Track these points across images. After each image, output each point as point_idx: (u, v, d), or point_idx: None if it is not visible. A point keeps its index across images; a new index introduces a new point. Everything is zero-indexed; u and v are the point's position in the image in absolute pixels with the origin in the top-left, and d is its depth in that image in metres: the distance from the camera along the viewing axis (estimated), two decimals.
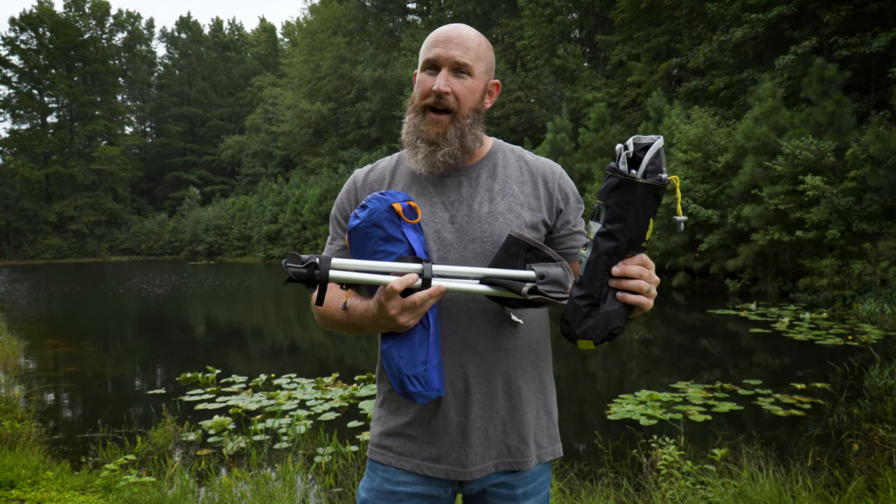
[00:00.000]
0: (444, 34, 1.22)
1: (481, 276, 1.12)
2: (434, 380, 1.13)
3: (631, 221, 1.00)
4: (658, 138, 0.99)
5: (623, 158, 1.00)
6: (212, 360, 7.56)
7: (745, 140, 12.89)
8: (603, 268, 1.03)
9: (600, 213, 1.03)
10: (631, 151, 1.00)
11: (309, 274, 1.04)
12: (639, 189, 0.98)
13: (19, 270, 36.72)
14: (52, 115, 57.47)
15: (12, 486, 3.36)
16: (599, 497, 3.07)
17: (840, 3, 14.54)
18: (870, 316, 9.02)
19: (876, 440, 3.97)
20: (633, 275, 1.03)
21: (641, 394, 5.50)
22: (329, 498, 3.46)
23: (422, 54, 1.24)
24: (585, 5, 26.22)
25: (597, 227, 1.03)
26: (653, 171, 0.99)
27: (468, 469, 1.21)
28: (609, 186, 1.01)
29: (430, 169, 1.23)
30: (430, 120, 1.21)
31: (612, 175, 1.01)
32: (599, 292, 1.04)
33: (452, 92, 1.19)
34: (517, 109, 25.38)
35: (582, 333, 1.05)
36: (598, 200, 1.03)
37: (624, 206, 0.99)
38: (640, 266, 1.04)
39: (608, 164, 1.03)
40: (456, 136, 1.21)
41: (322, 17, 42.90)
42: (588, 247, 1.04)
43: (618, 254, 1.03)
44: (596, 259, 1.03)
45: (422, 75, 1.23)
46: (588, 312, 1.04)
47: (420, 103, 1.23)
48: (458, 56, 1.19)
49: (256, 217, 40.90)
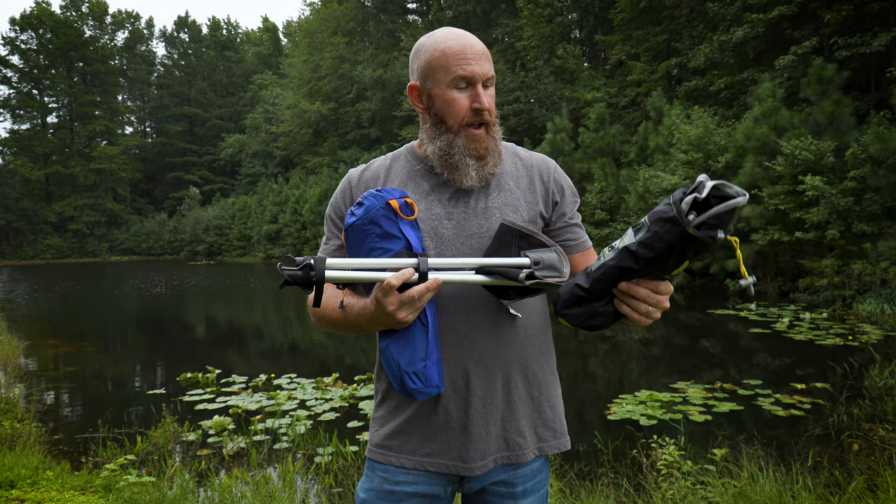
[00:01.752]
0: (468, 48, 1.19)
1: (477, 267, 1.13)
2: (434, 376, 1.13)
3: (660, 257, 0.96)
4: (743, 196, 0.89)
5: (690, 200, 0.92)
6: (212, 360, 7.56)
7: (745, 140, 12.88)
8: (612, 280, 1.03)
9: (642, 229, 0.98)
10: (703, 196, 0.91)
11: (305, 276, 1.03)
12: (685, 237, 0.92)
13: (19, 270, 36.71)
14: (52, 115, 57.52)
15: (12, 486, 3.36)
16: (599, 497, 3.07)
17: (840, 3, 14.53)
18: (870, 316, 9.02)
19: (876, 440, 3.97)
20: (638, 296, 1.02)
21: (641, 394, 5.50)
22: (329, 498, 3.46)
23: (445, 69, 1.20)
24: (585, 5, 26.21)
25: (629, 240, 0.99)
26: (712, 225, 0.91)
27: (469, 465, 1.21)
28: (661, 214, 0.94)
29: (482, 183, 1.25)
30: (472, 136, 1.22)
31: (670, 204, 0.94)
32: (598, 294, 1.05)
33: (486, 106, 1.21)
34: (517, 110, 25.38)
35: (565, 315, 1.07)
36: (646, 217, 0.99)
37: (663, 240, 0.94)
38: (649, 291, 1.02)
39: (676, 191, 0.95)
40: (494, 147, 1.25)
41: (322, 17, 42.89)
42: (612, 251, 1.02)
43: (632, 275, 1.01)
44: (611, 269, 1.01)
45: (452, 93, 1.20)
46: (579, 302, 1.06)
47: (459, 123, 1.21)
48: (488, 70, 1.21)
49: (256, 217, 40.90)
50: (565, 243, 1.30)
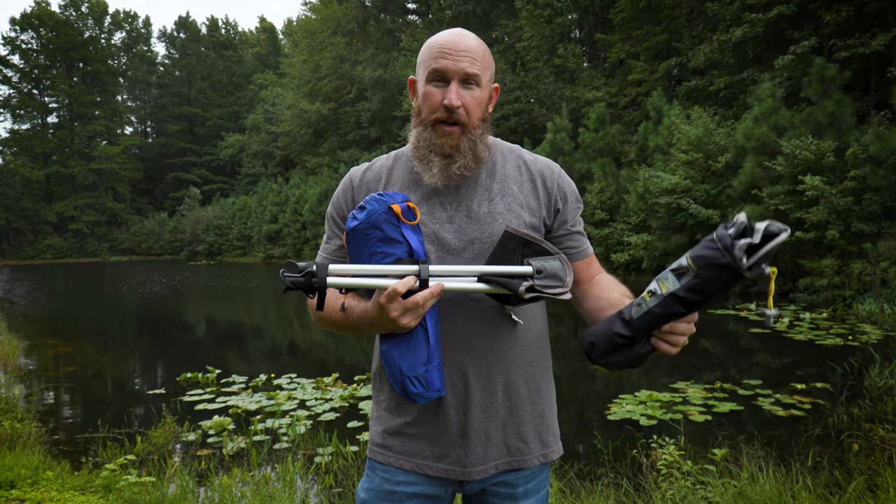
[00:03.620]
0: (450, 44, 1.18)
1: (478, 275, 1.12)
2: (435, 380, 1.13)
3: (712, 299, 0.96)
4: (785, 231, 0.90)
5: (744, 244, 0.90)
6: (212, 360, 7.56)
7: (745, 140, 12.88)
8: (657, 325, 1.02)
9: (685, 274, 0.97)
10: (757, 241, 0.90)
11: (307, 282, 1.04)
12: (739, 277, 0.92)
13: (19, 270, 36.71)
14: (53, 115, 57.54)
15: (12, 486, 3.36)
16: (599, 497, 3.07)
17: (840, 2, 14.53)
18: (870, 316, 9.02)
19: (876, 440, 3.97)
20: (679, 332, 1.02)
21: (641, 394, 5.50)
22: (329, 498, 3.46)
23: (425, 63, 1.21)
24: (585, 5, 26.21)
25: (675, 285, 0.98)
26: (760, 262, 0.91)
27: (469, 469, 1.21)
28: (711, 260, 0.93)
29: (445, 181, 1.22)
30: (442, 132, 1.19)
31: (720, 250, 0.92)
32: (641, 338, 1.04)
33: (463, 105, 1.18)
34: (517, 110, 25.39)
35: (604, 363, 1.05)
36: (689, 260, 0.97)
37: (715, 284, 0.94)
38: (686, 325, 1.02)
39: (720, 230, 0.94)
40: (469, 148, 1.20)
41: (322, 17, 42.92)
42: (655, 297, 1.00)
43: (680, 318, 1.01)
44: (659, 316, 1.00)
45: (428, 87, 1.20)
46: (618, 348, 1.04)
47: (430, 118, 1.21)
48: (467, 67, 1.17)
49: (256, 217, 40.90)
50: (567, 251, 1.29)
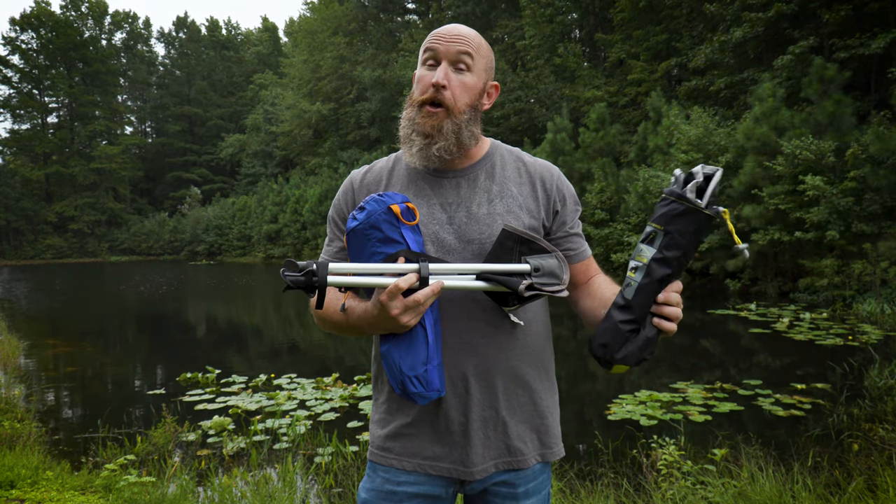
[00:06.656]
0: (445, 30, 1.22)
1: (477, 272, 1.13)
2: (435, 380, 1.13)
3: (689, 250, 1.00)
4: (719, 169, 0.99)
5: (693, 186, 0.98)
6: (212, 360, 7.56)
7: (745, 140, 12.88)
8: (653, 295, 1.02)
9: (656, 237, 1.01)
10: (701, 180, 0.98)
11: (307, 281, 1.03)
12: (702, 218, 0.97)
13: (19, 270, 36.71)
14: (53, 115, 57.51)
15: (12, 486, 3.36)
16: (599, 497, 3.07)
17: (840, 2, 14.53)
18: (870, 316, 9.02)
19: (876, 440, 3.97)
20: (674, 302, 1.03)
21: (641, 394, 5.50)
22: (329, 498, 3.46)
23: (421, 49, 1.25)
24: (585, 5, 26.21)
25: (651, 251, 1.01)
26: (712, 202, 0.98)
27: (470, 469, 1.21)
28: (672, 212, 0.99)
29: (424, 163, 1.22)
30: (426, 113, 1.20)
31: (675, 201, 0.99)
32: (644, 318, 1.04)
33: (450, 87, 1.19)
34: (517, 109, 25.38)
35: (622, 359, 1.04)
36: (653, 224, 1.01)
37: (686, 234, 0.98)
38: (678, 294, 1.04)
39: (667, 188, 1.02)
40: (452, 131, 1.20)
41: (322, 17, 42.88)
42: (639, 271, 1.03)
43: (670, 281, 1.02)
44: (649, 285, 1.02)
45: (421, 70, 1.23)
46: (629, 337, 1.04)
47: (418, 99, 1.22)
48: (457, 47, 1.19)
49: (256, 217, 40.89)
50: (566, 253, 1.29)
